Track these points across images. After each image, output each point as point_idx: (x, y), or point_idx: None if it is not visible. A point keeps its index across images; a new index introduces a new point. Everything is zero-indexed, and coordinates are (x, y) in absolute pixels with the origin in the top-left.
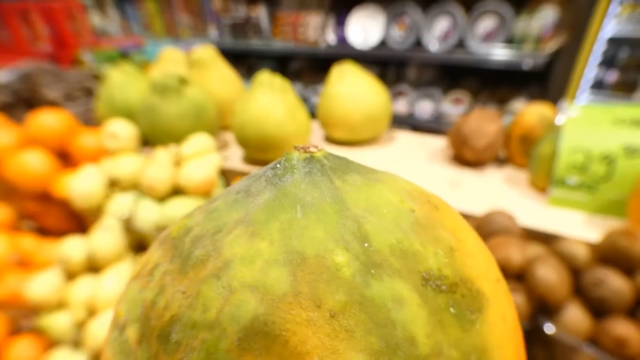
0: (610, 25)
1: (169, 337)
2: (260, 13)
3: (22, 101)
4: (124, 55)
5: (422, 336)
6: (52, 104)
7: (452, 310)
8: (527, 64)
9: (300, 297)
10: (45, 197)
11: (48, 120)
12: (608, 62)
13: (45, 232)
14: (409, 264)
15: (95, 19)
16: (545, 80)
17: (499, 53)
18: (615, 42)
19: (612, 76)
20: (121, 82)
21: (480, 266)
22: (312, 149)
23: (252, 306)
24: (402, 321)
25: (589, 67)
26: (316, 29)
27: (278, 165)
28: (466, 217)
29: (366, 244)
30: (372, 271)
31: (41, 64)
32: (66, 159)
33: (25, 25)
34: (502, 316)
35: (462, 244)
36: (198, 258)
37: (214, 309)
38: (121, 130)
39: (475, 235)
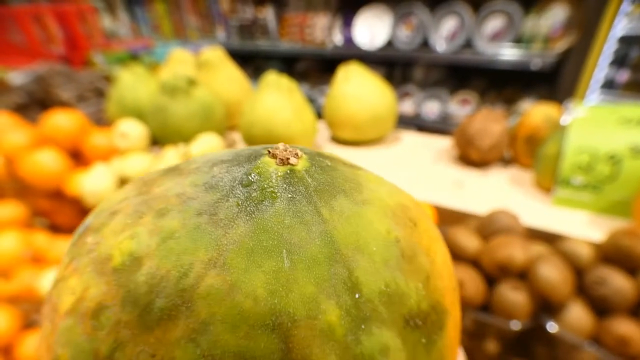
0: (621, 24)
1: None
2: (268, 14)
3: (36, 102)
4: (134, 57)
5: None
6: (64, 104)
7: (423, 340)
8: (536, 64)
9: None
10: (57, 195)
11: (61, 121)
12: (619, 61)
13: (57, 229)
14: (394, 309)
15: (106, 22)
16: (554, 81)
17: (507, 53)
18: (626, 41)
19: (623, 76)
20: (131, 83)
21: (446, 281)
22: (291, 160)
23: None
24: None
25: (600, 67)
26: (323, 30)
27: (251, 180)
28: (470, 217)
29: (357, 295)
30: (363, 326)
31: (54, 66)
32: (78, 157)
33: (39, 28)
34: (455, 323)
35: (434, 266)
36: (163, 312)
37: None
38: (131, 130)
39: (441, 243)
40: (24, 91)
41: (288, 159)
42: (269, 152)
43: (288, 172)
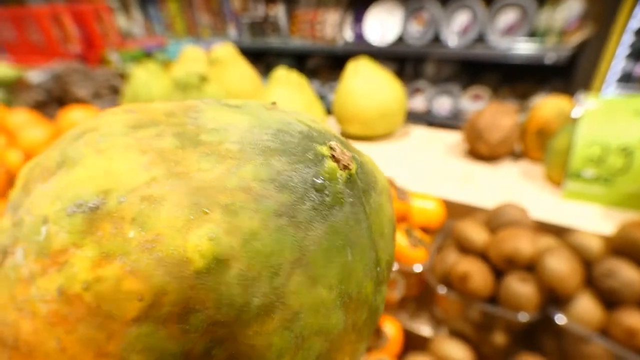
0: (639, 14)
1: None
2: (279, 11)
3: (54, 99)
4: (147, 55)
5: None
6: (81, 101)
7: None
8: (550, 57)
9: (347, 328)
10: None
11: (77, 117)
12: (636, 54)
13: None
14: (389, 270)
15: (121, 21)
16: (569, 75)
17: (521, 47)
18: None
19: None
20: (145, 80)
21: None
22: (350, 165)
23: (318, 347)
24: (381, 309)
25: (616, 60)
26: (334, 26)
27: (323, 184)
28: (480, 210)
29: (378, 269)
30: (378, 288)
31: (71, 64)
32: None
33: (56, 27)
34: None
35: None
36: (260, 309)
37: (287, 356)
38: None
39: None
40: (43, 89)
41: (349, 164)
42: (333, 156)
43: (348, 176)
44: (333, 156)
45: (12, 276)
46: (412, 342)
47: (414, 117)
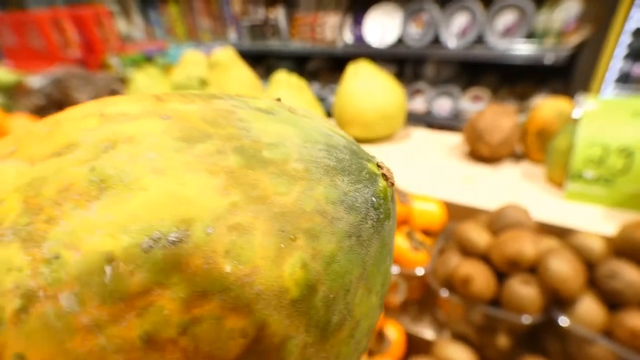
0: (636, 15)
1: None
2: (279, 14)
3: (54, 104)
4: (148, 59)
5: None
6: None
7: None
8: (549, 58)
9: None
10: None
11: None
12: (634, 54)
13: None
14: None
15: (122, 25)
16: (568, 75)
17: (520, 48)
18: None
19: (639, 69)
20: (145, 84)
21: None
22: (394, 181)
23: (364, 344)
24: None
25: (614, 61)
26: (333, 29)
27: (379, 203)
28: (481, 212)
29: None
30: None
31: (71, 69)
32: None
33: (57, 32)
34: None
35: None
36: (336, 324)
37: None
38: None
39: None
40: (43, 94)
41: (393, 181)
42: (385, 176)
43: (391, 192)
44: (383, 175)
45: (57, 326)
46: (415, 345)
47: (414, 119)
